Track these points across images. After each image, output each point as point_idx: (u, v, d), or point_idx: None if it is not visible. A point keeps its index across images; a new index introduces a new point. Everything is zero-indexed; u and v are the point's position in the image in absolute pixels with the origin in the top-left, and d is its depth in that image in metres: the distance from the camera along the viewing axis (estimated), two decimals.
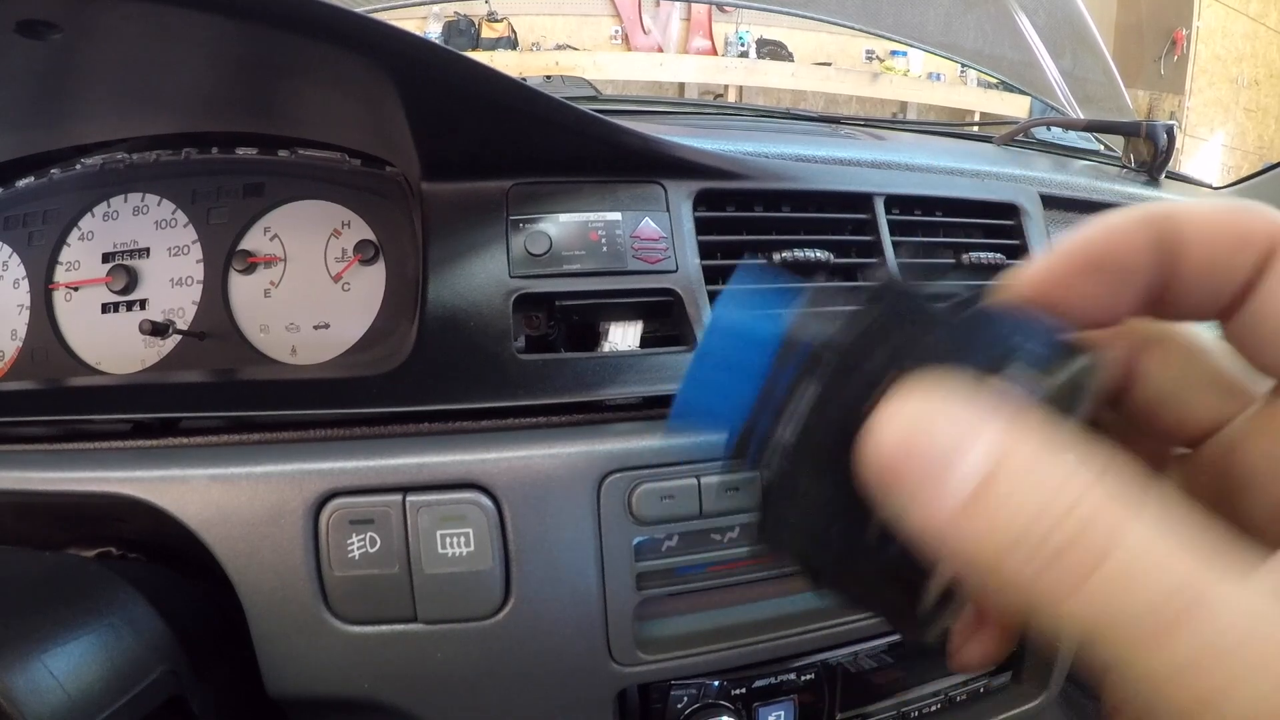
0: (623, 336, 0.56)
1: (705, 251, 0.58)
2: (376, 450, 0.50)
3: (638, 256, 0.56)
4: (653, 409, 0.55)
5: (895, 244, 0.64)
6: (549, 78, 0.91)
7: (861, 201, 0.63)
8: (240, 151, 0.64)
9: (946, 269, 0.66)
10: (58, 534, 0.57)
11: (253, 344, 0.62)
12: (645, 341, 0.57)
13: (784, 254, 0.60)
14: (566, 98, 0.90)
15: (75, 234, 0.64)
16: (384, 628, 0.49)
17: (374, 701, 0.50)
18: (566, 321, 0.57)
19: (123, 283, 0.62)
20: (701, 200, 0.59)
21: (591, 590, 0.50)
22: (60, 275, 0.64)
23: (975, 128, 1.01)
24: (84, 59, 0.54)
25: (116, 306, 0.63)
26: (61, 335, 0.63)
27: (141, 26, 0.47)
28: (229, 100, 0.62)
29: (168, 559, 0.54)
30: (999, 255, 0.67)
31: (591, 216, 0.56)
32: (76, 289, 0.64)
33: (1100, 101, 0.98)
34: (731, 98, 2.46)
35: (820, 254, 0.60)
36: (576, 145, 0.56)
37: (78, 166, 0.64)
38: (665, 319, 0.57)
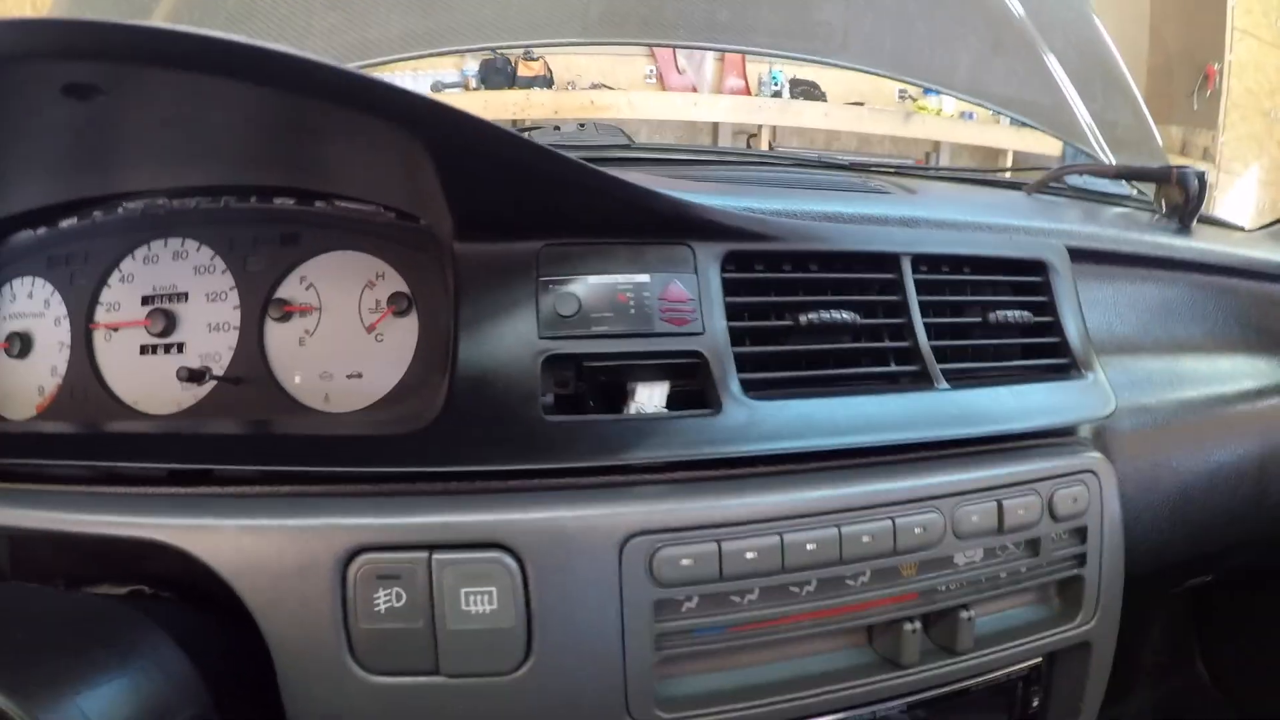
0: (649, 397, 0.58)
1: (733, 312, 0.59)
2: (405, 508, 0.52)
3: (665, 319, 0.57)
4: (676, 471, 0.56)
5: (923, 304, 0.65)
6: (583, 125, 0.93)
7: (888, 261, 0.64)
8: (278, 202, 0.66)
9: (973, 328, 0.67)
10: (92, 569, 0.58)
11: (287, 391, 0.64)
12: (673, 400, 0.58)
13: (809, 316, 0.61)
14: (599, 145, 0.93)
15: (116, 275, 0.66)
16: (407, 679, 0.51)
17: None
18: (594, 381, 0.58)
19: (161, 325, 0.65)
20: (730, 261, 0.60)
21: (612, 649, 0.51)
22: (101, 315, 0.66)
23: (1007, 173, 1.01)
24: (126, 116, 0.56)
25: (155, 349, 0.65)
26: (100, 374, 0.66)
27: (181, 90, 0.49)
28: (267, 156, 0.64)
29: (198, 599, 0.56)
30: (1026, 314, 0.67)
31: (620, 278, 0.58)
32: (116, 329, 0.66)
33: (1132, 145, 0.98)
34: (765, 137, 2.48)
35: (846, 315, 0.61)
36: (606, 208, 0.57)
37: (120, 210, 0.67)
38: (693, 377, 0.58)
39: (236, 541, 0.51)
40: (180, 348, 0.65)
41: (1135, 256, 0.78)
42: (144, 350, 0.66)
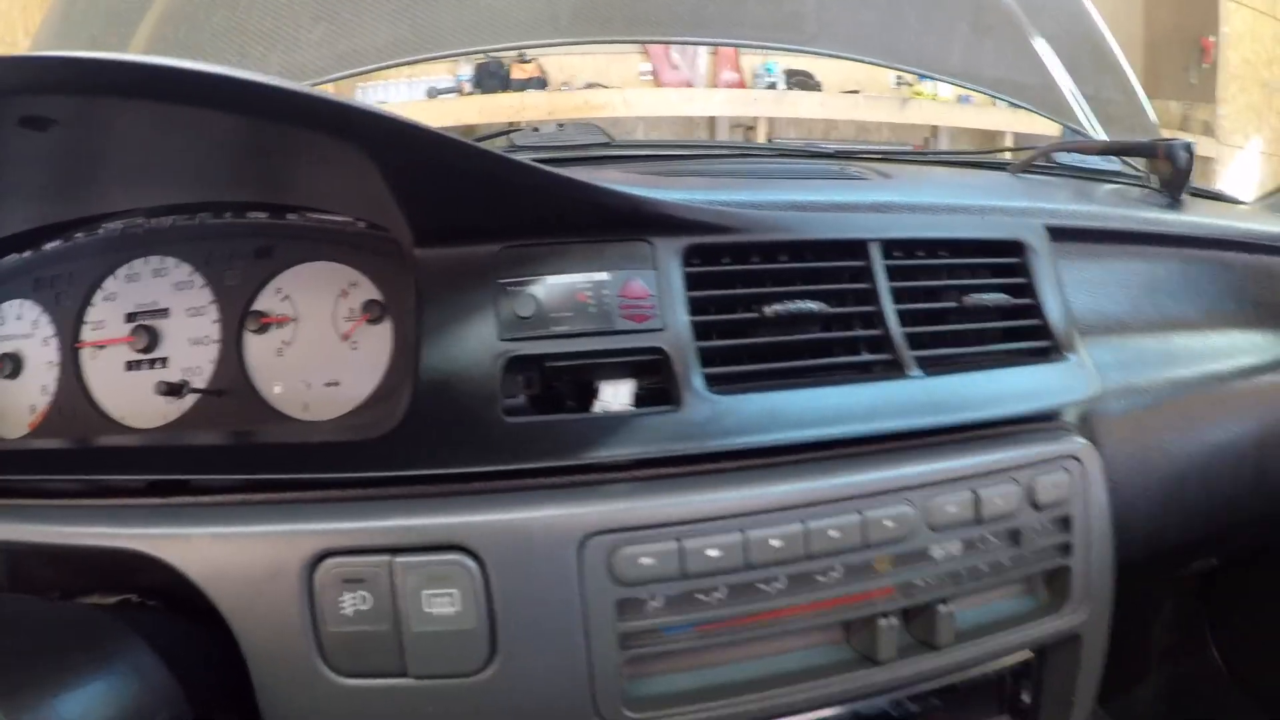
0: (614, 395, 0.57)
1: (698, 307, 0.59)
2: (368, 512, 0.52)
3: (625, 315, 0.57)
4: (640, 469, 0.56)
5: (895, 290, 0.64)
6: (561, 125, 0.93)
7: (857, 248, 0.64)
8: (251, 216, 0.67)
9: (949, 314, 0.66)
10: (84, 580, 0.60)
11: (267, 401, 0.65)
12: (644, 398, 0.58)
13: (775, 307, 0.60)
14: (578, 145, 0.93)
15: (100, 295, 0.68)
16: (377, 681, 0.51)
17: None
18: (564, 382, 0.58)
19: (144, 342, 0.66)
20: (695, 255, 0.60)
21: (576, 649, 0.51)
22: (86, 334, 0.68)
23: (1004, 154, 0.99)
24: (92, 144, 0.58)
25: (139, 364, 0.67)
26: (88, 391, 0.67)
27: (136, 118, 0.50)
28: (235, 174, 0.65)
29: (184, 607, 0.57)
30: (1004, 296, 0.66)
31: (579, 278, 0.58)
32: (102, 347, 0.67)
33: (1124, 121, 0.96)
34: (762, 130, 2.47)
35: (813, 305, 0.60)
36: (563, 208, 0.57)
37: (100, 231, 0.68)
38: (659, 374, 0.58)
39: (208, 549, 0.52)
40: (164, 362, 0.67)
41: (1122, 233, 0.76)
42: (129, 366, 0.67)
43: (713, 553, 0.52)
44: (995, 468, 0.60)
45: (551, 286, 0.57)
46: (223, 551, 0.52)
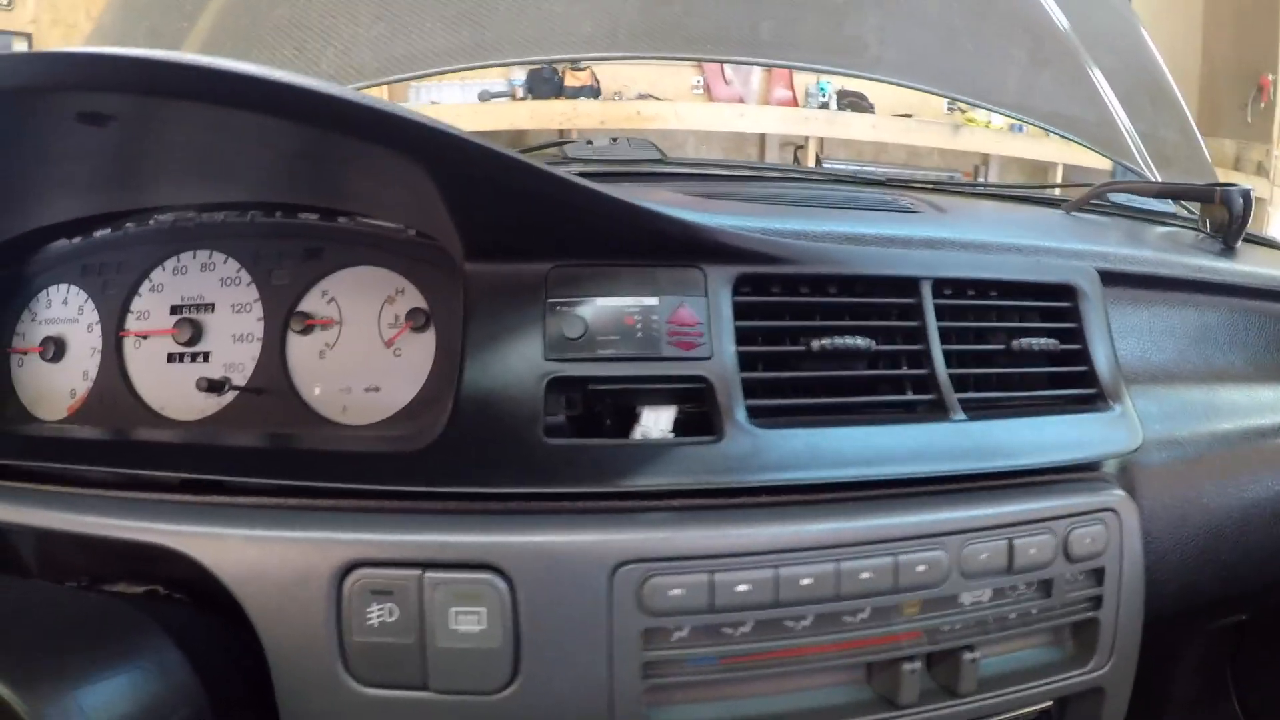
0: (655, 422, 0.57)
1: (745, 337, 0.58)
2: (401, 525, 0.52)
3: (673, 343, 0.57)
4: (677, 499, 0.55)
5: (944, 330, 0.63)
6: (615, 139, 0.92)
7: (908, 285, 0.63)
8: (302, 217, 0.67)
9: (996, 356, 0.64)
10: (113, 568, 0.60)
11: (306, 402, 0.65)
12: (686, 425, 0.57)
13: (823, 341, 0.59)
14: (631, 160, 0.92)
15: (146, 285, 0.68)
16: (398, 693, 0.51)
17: None
18: (600, 404, 0.58)
19: (188, 335, 0.66)
20: (743, 284, 0.59)
21: (599, 675, 0.51)
22: (131, 323, 0.68)
23: (1056, 190, 0.98)
24: (149, 141, 0.58)
25: (181, 357, 0.67)
26: (129, 380, 0.68)
27: (194, 118, 0.50)
28: (289, 177, 0.65)
29: (208, 602, 0.57)
30: (1053, 341, 0.65)
31: (628, 301, 0.57)
32: (145, 337, 0.68)
33: (1179, 161, 0.94)
34: (812, 149, 2.45)
35: (860, 341, 0.60)
36: (615, 230, 0.57)
37: (151, 222, 0.69)
38: (702, 401, 0.57)
39: (240, 550, 0.52)
40: (206, 356, 0.67)
41: (1173, 280, 0.75)
42: (171, 358, 0.67)
43: (743, 588, 0.51)
44: (1032, 517, 0.59)
45: (600, 308, 0.57)
46: (254, 554, 0.52)
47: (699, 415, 0.57)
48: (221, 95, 0.47)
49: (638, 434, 0.57)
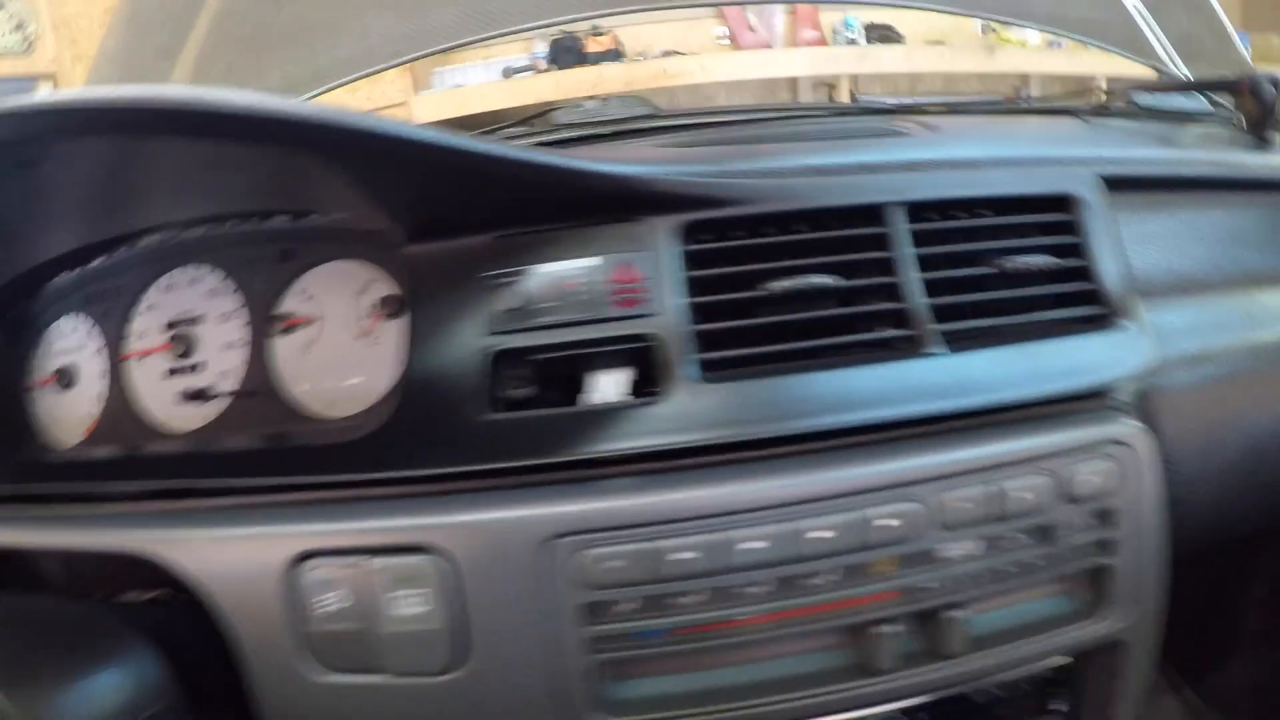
0: (607, 386, 0.55)
1: (705, 287, 0.55)
2: (346, 514, 0.53)
3: (616, 302, 0.54)
4: (627, 465, 0.53)
5: (927, 257, 0.58)
6: (606, 99, 0.90)
7: (874, 213, 0.58)
8: (274, 219, 0.68)
9: (980, 279, 0.59)
10: (125, 575, 0.63)
11: (294, 400, 0.66)
12: (641, 387, 0.55)
13: (780, 283, 0.55)
14: (621, 119, 0.89)
15: (142, 305, 0.71)
16: (357, 678, 0.52)
17: None
18: (553, 375, 0.56)
19: (182, 349, 0.69)
20: (700, 231, 0.56)
21: (546, 652, 0.50)
22: (132, 344, 0.71)
23: (1079, 100, 0.89)
24: (126, 169, 0.60)
25: (177, 371, 0.70)
26: (133, 399, 0.71)
27: (104, 149, 0.53)
28: (254, 185, 0.66)
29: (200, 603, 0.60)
30: (1048, 258, 0.59)
31: (569, 265, 0.55)
32: (144, 356, 0.71)
33: (1208, 56, 0.83)
34: (844, 87, 2.32)
35: (823, 279, 0.55)
36: (550, 195, 0.55)
37: (140, 244, 0.71)
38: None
39: (203, 550, 0.54)
40: (199, 368, 0.69)
41: (1197, 179, 0.66)
42: (169, 373, 0.70)
43: (687, 555, 0.49)
44: (1022, 456, 0.53)
45: (541, 276, 0.55)
46: (216, 553, 0.54)
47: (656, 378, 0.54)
48: (111, 125, 0.48)
49: (592, 400, 0.54)
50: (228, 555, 0.53)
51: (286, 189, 0.66)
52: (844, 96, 2.38)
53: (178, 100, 0.46)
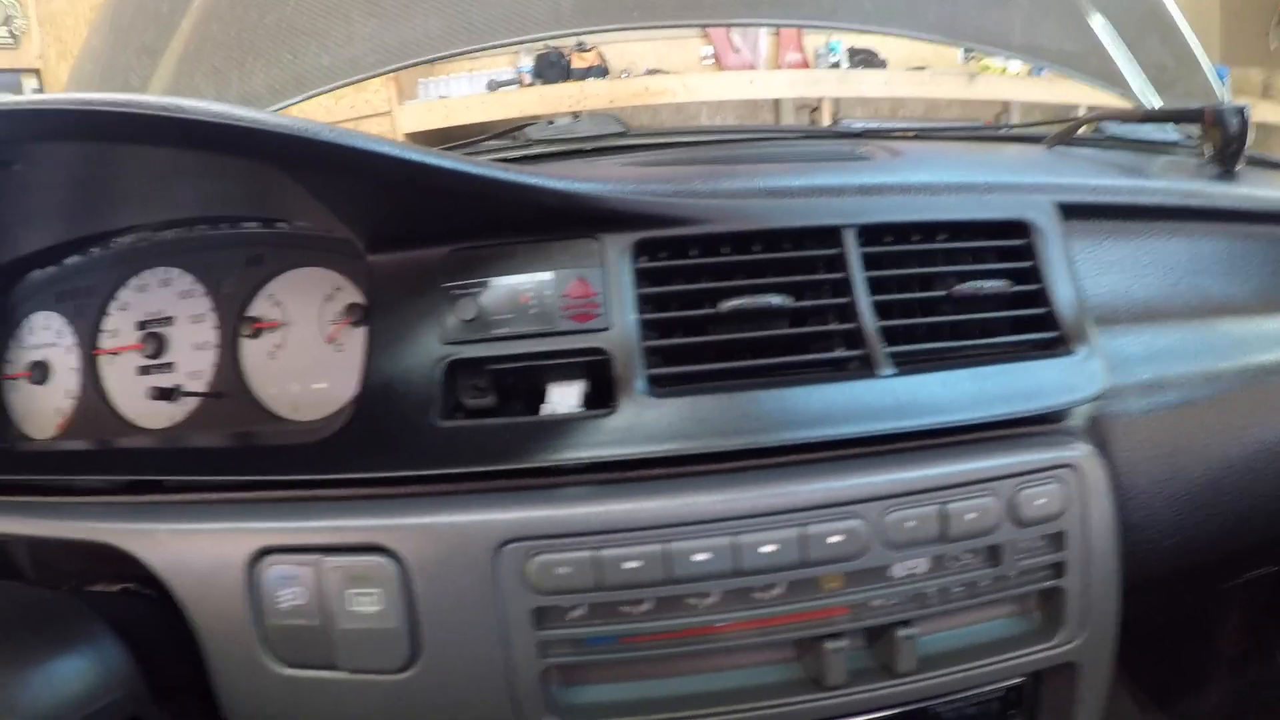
0: (561, 398, 0.56)
1: (658, 304, 0.56)
2: (304, 513, 0.54)
3: (568, 316, 0.55)
4: (576, 475, 0.54)
5: (880, 280, 0.58)
6: (577, 116, 0.91)
7: (828, 235, 0.59)
8: (244, 226, 0.69)
9: (935, 303, 0.60)
10: (93, 568, 0.64)
11: (261, 402, 0.67)
12: (594, 401, 0.55)
13: (732, 302, 0.56)
14: (591, 136, 0.90)
15: (114, 305, 0.72)
16: (312, 673, 0.53)
17: None
18: (507, 386, 0.57)
19: (153, 348, 0.70)
20: (653, 249, 0.57)
21: (496, 655, 0.51)
22: (104, 342, 0.72)
23: (1044, 128, 0.89)
24: (102, 172, 0.62)
25: (149, 369, 0.70)
26: (106, 395, 0.71)
27: (79, 152, 0.54)
28: (224, 191, 0.67)
29: (167, 596, 0.60)
30: (1001, 283, 0.60)
31: (522, 279, 0.56)
32: (117, 354, 0.71)
33: (1179, 87, 0.84)
34: (827, 110, 2.34)
35: (774, 299, 0.56)
36: (504, 209, 0.55)
37: (113, 245, 0.72)
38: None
39: (168, 544, 0.55)
40: (170, 367, 0.70)
41: (1158, 208, 0.67)
42: (141, 371, 0.71)
43: (631, 564, 0.49)
44: (969, 478, 0.54)
45: (495, 288, 0.56)
46: (180, 546, 0.54)
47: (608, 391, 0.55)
48: (84, 130, 0.49)
49: (544, 411, 0.55)
50: (192, 549, 0.54)
51: (255, 197, 0.67)
52: (826, 119, 2.39)
53: (145, 107, 0.47)
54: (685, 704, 0.52)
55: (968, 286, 0.59)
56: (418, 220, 0.57)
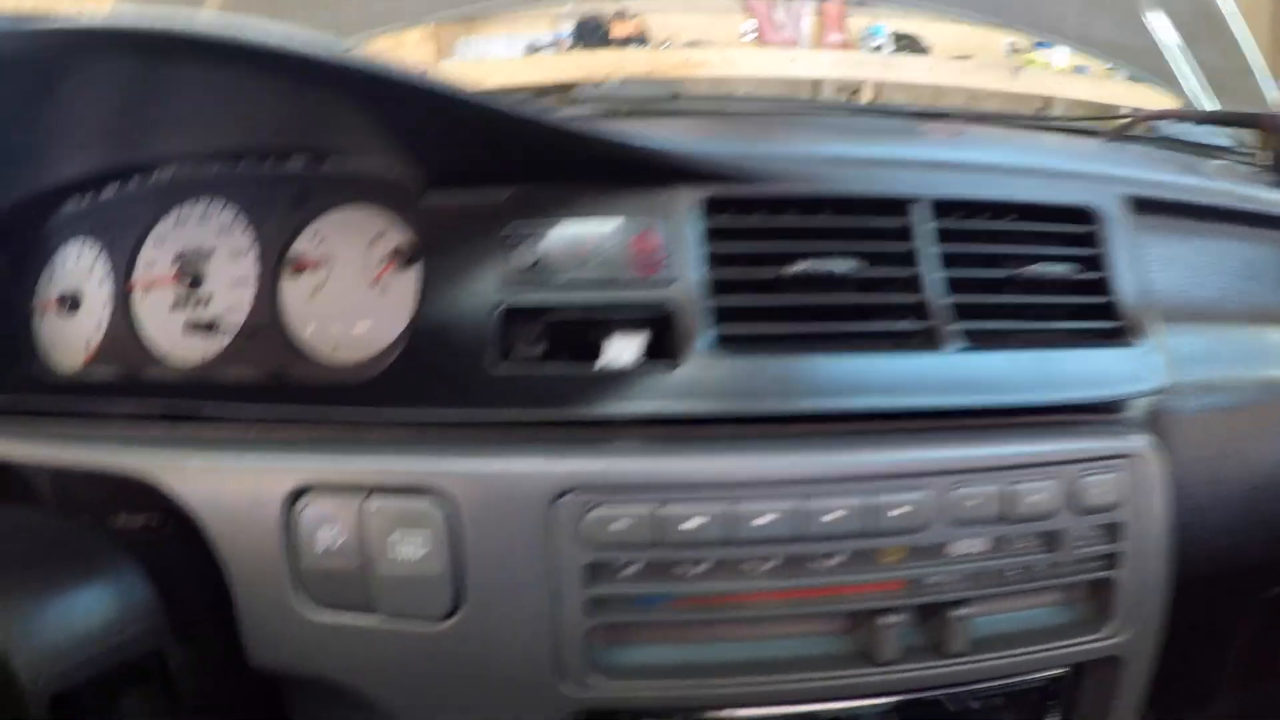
0: (620, 351, 0.54)
1: (721, 262, 0.54)
2: (348, 451, 0.51)
3: (633, 269, 0.53)
4: (634, 429, 0.52)
5: (946, 255, 0.57)
6: (624, 81, 0.89)
7: (898, 206, 0.57)
8: (291, 161, 0.67)
9: (999, 284, 0.58)
10: (115, 500, 0.61)
11: (299, 341, 0.65)
12: (655, 353, 0.53)
13: (801, 266, 0.54)
14: (643, 98, 0.88)
15: (151, 237, 0.69)
16: (347, 617, 0.50)
17: (339, 685, 0.51)
18: (561, 338, 0.55)
19: (189, 282, 0.67)
20: (721, 208, 0.55)
21: (542, 610, 0.48)
22: (138, 274, 0.69)
23: (1099, 123, 0.88)
24: (148, 97, 0.59)
25: (183, 304, 0.68)
26: (138, 328, 0.69)
27: (126, 75, 0.53)
28: (275, 121, 0.65)
29: (191, 532, 0.58)
30: (1069, 268, 0.58)
31: (587, 226, 0.54)
32: (151, 287, 0.69)
33: (1236, 91, 0.83)
34: (867, 94, 2.31)
35: (844, 265, 0.54)
36: (577, 156, 0.54)
37: (153, 176, 0.69)
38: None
39: (201, 477, 0.52)
40: (206, 302, 0.68)
41: (1216, 209, 0.66)
42: (175, 305, 0.68)
43: (692, 523, 0.47)
44: (1034, 460, 0.52)
45: (558, 236, 0.54)
46: (214, 480, 0.52)
47: (672, 346, 0.53)
48: (140, 52, 0.48)
49: (601, 365, 0.53)
50: (226, 484, 0.51)
51: (308, 128, 0.64)
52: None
53: (216, 33, 0.45)
54: (731, 671, 0.50)
55: (1034, 269, 0.58)
56: (482, 162, 0.55)
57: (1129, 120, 0.78)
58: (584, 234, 0.54)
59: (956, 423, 0.54)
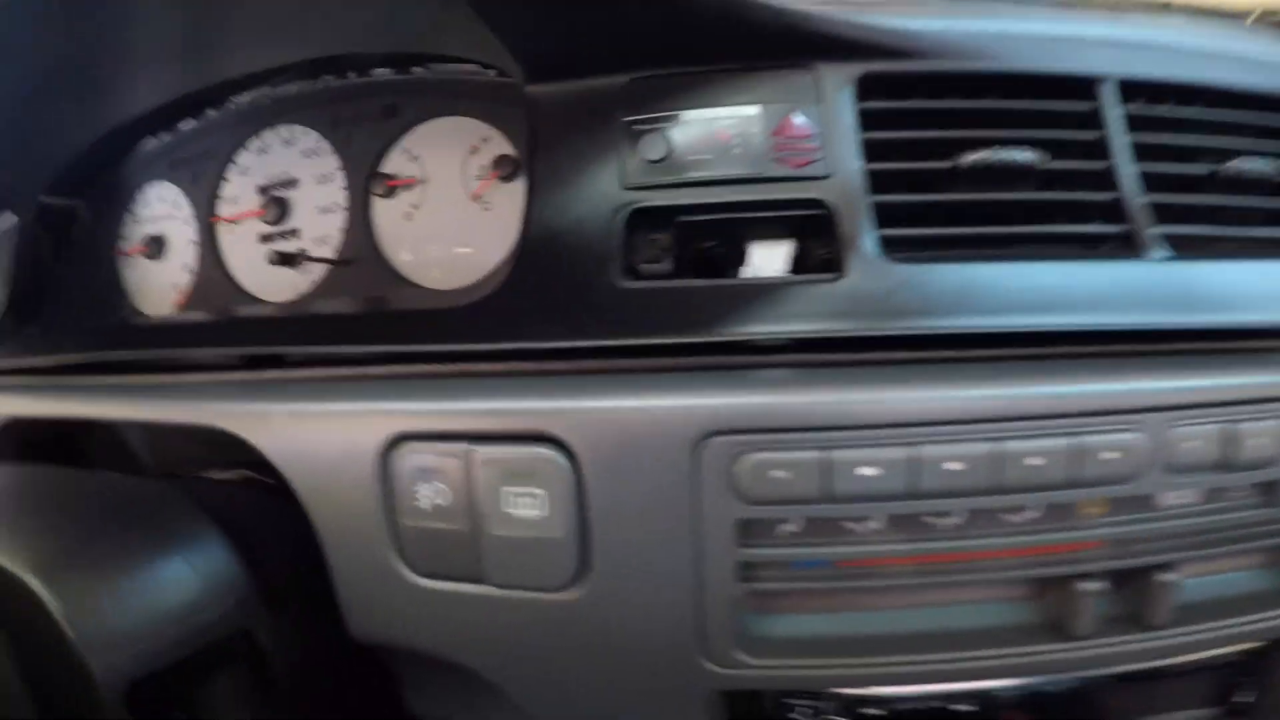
0: (766, 260, 0.39)
1: (877, 153, 0.38)
2: (452, 391, 0.37)
3: (780, 160, 0.38)
4: (786, 354, 0.37)
5: (1140, 146, 0.40)
6: None
7: (1083, 87, 0.40)
8: (375, 73, 0.53)
9: (1200, 184, 0.42)
10: (205, 453, 0.49)
11: (397, 268, 0.52)
12: (801, 266, 0.39)
13: (976, 156, 0.38)
14: None
15: (233, 170, 0.56)
16: (454, 585, 0.37)
17: (447, 659, 0.38)
18: (697, 245, 0.40)
19: (276, 214, 0.54)
20: (875, 87, 0.39)
21: (684, 575, 0.34)
22: (222, 210, 0.57)
23: None
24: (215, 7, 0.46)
25: (272, 236, 0.55)
26: (225, 266, 0.57)
27: None
28: (357, 24, 0.50)
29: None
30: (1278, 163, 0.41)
31: (723, 112, 0.38)
32: (237, 222, 0.56)
33: None
34: None
35: (1026, 156, 0.38)
36: (702, 28, 0.38)
37: (230, 105, 0.56)
38: (825, 233, 0.38)
39: (285, 427, 0.39)
40: (295, 233, 0.55)
41: None
42: (263, 239, 0.55)
43: (869, 471, 0.32)
44: (1260, 394, 0.36)
45: (688, 124, 0.39)
46: (299, 430, 0.38)
47: (824, 256, 0.38)
48: None
49: (745, 275, 0.38)
50: (314, 434, 0.38)
51: (393, 27, 0.50)
52: None
53: None
54: (897, 646, 0.36)
55: (1236, 164, 0.41)
56: (590, 45, 0.40)
57: None
58: (720, 120, 0.38)
59: (1167, 346, 0.38)
